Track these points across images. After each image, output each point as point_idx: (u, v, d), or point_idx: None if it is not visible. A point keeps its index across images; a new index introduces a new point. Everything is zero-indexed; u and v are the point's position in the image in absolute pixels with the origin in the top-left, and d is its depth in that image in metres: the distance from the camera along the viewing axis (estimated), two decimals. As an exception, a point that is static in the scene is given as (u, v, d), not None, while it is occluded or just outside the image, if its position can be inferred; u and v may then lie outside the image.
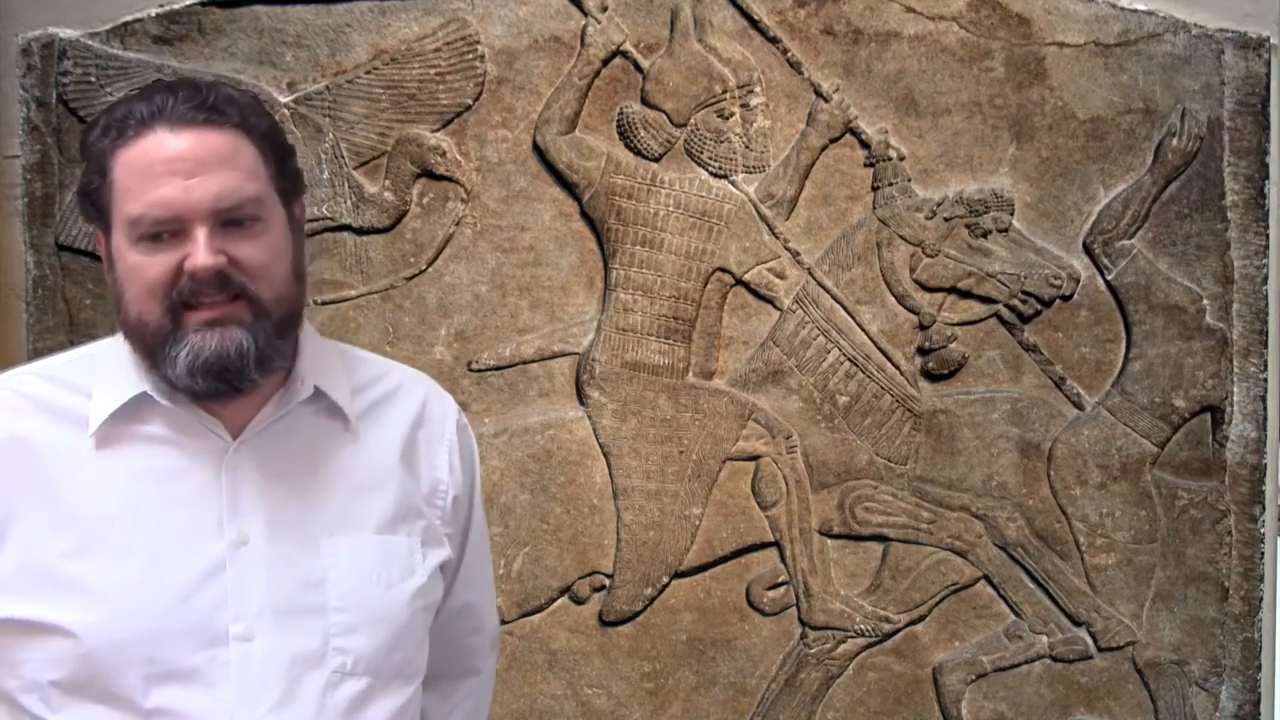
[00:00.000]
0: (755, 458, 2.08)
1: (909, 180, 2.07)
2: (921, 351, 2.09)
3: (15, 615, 1.14)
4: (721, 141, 2.06)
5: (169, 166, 1.12)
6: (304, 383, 1.25)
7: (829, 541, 2.10)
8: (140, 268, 1.14)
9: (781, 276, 2.08)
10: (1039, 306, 2.08)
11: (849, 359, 2.09)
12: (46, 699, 1.13)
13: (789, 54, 2.06)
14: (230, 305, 1.14)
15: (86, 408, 1.19)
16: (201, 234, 1.12)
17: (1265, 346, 2.10)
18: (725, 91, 2.05)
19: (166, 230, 1.12)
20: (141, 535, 1.15)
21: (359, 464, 1.27)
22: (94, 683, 1.12)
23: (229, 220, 1.14)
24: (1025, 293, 2.08)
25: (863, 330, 2.09)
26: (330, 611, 1.19)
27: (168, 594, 1.14)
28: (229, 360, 1.14)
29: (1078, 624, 2.10)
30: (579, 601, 2.08)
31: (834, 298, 2.09)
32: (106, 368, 1.22)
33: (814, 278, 2.08)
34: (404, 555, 1.26)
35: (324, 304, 2.04)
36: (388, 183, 2.05)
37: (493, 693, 1.53)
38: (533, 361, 2.07)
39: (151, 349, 1.16)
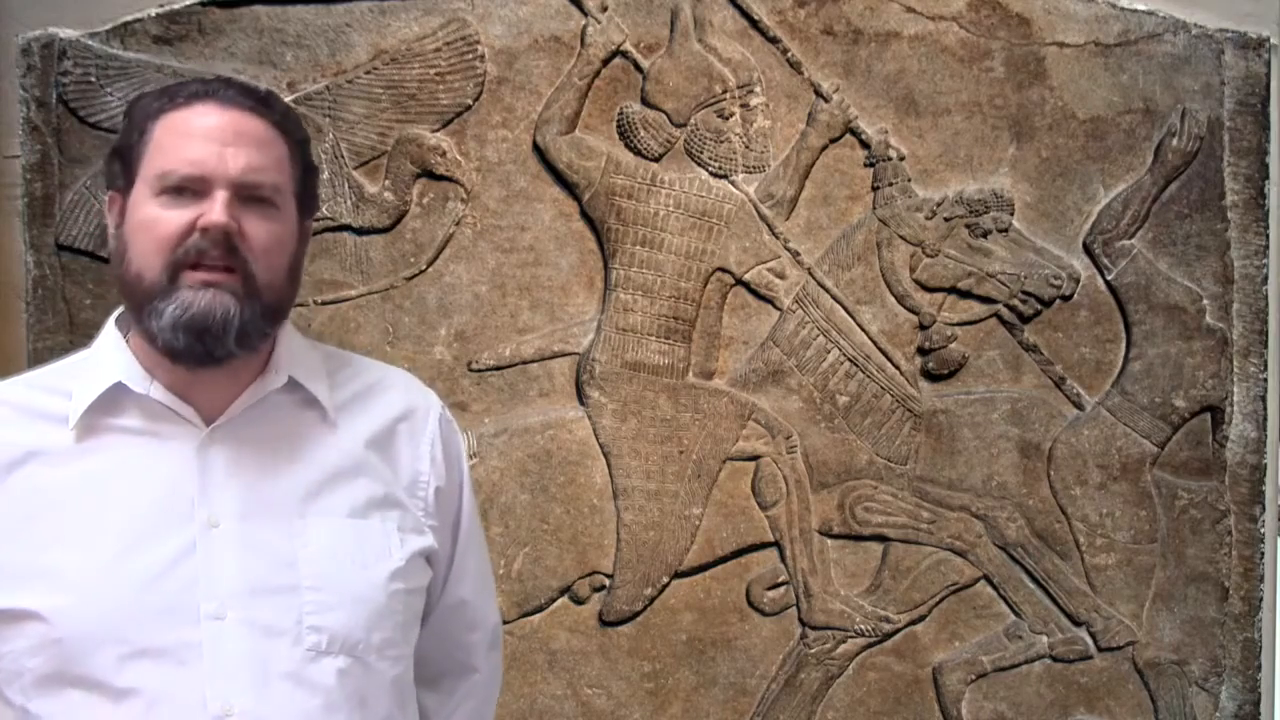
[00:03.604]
0: (755, 458, 2.08)
1: (909, 180, 2.07)
2: (921, 351, 2.10)
3: None
4: (721, 141, 2.06)
5: (208, 133, 1.19)
6: (278, 373, 1.27)
7: (829, 541, 2.10)
8: (154, 220, 1.18)
9: (781, 276, 2.08)
10: (1039, 306, 2.08)
11: (849, 359, 2.09)
12: (26, 689, 1.15)
13: (789, 54, 2.06)
14: (227, 275, 1.18)
15: (67, 408, 1.22)
16: (221, 195, 1.18)
17: (1265, 346, 2.10)
18: (725, 91, 2.05)
19: (190, 188, 1.18)
20: (114, 522, 1.18)
21: (334, 452, 1.28)
22: (69, 667, 1.14)
23: (248, 196, 1.20)
24: (1025, 293, 2.08)
25: (863, 330, 2.09)
26: (304, 590, 1.20)
27: (138, 575, 1.16)
28: (213, 321, 1.17)
29: (1078, 624, 2.10)
30: (579, 601, 2.08)
31: (834, 298, 2.09)
32: (86, 367, 1.26)
33: (814, 278, 2.08)
34: (378, 539, 1.27)
35: (324, 304, 2.04)
36: (388, 183, 2.05)
37: (498, 693, 1.53)
38: (533, 361, 2.07)
39: (142, 304, 1.19)
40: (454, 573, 1.41)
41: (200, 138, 1.19)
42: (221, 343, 1.18)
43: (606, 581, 2.08)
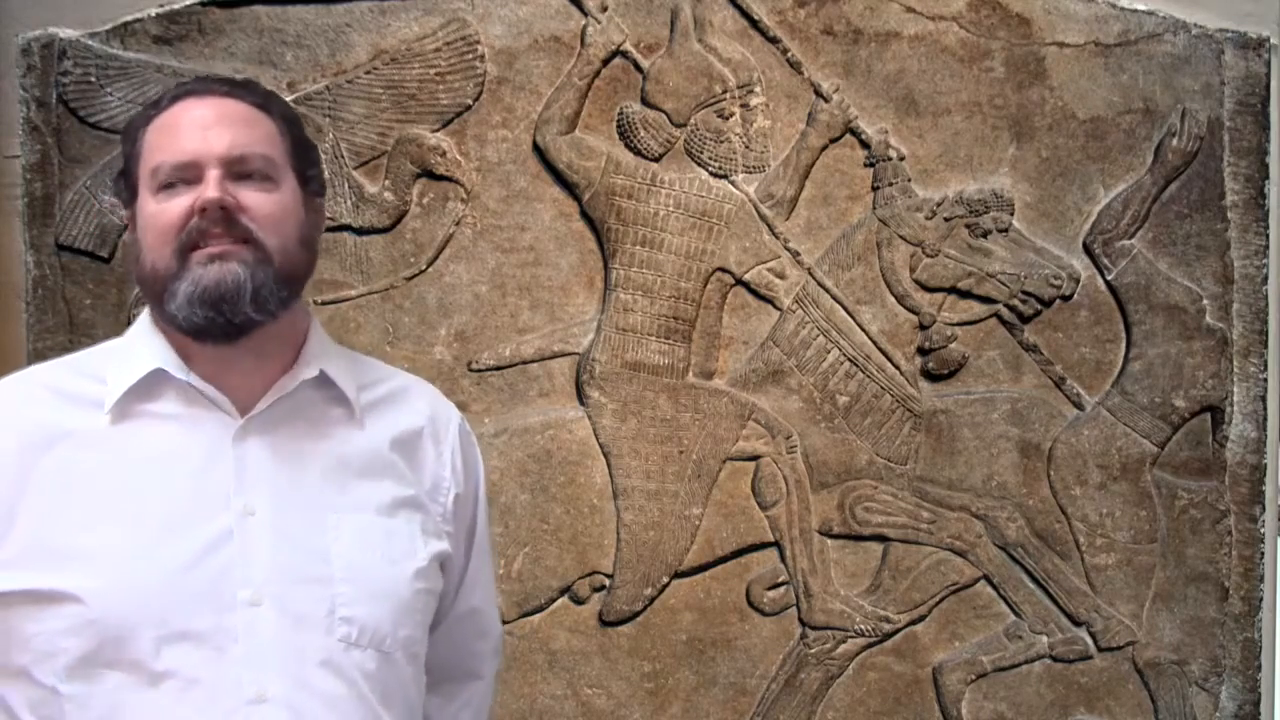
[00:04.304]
0: (755, 458, 2.08)
1: (909, 180, 2.07)
2: (921, 351, 2.10)
3: (25, 587, 1.16)
4: (721, 141, 2.06)
5: (192, 123, 1.23)
6: (310, 365, 1.29)
7: (829, 541, 2.10)
8: (157, 214, 1.21)
9: (781, 276, 2.08)
10: (1039, 306, 2.08)
11: (849, 359, 2.09)
12: (59, 670, 1.16)
13: (789, 54, 2.06)
14: (234, 245, 1.21)
15: (102, 392, 1.24)
16: (213, 174, 1.20)
17: (1265, 346, 2.10)
18: (725, 91, 2.05)
19: (184, 178, 1.21)
20: (150, 506, 1.19)
21: (362, 451, 1.31)
22: (105, 649, 1.15)
23: (242, 173, 1.22)
24: (1025, 293, 2.08)
25: (863, 330, 2.09)
26: (336, 582, 1.22)
27: (175, 560, 1.17)
28: (225, 289, 1.19)
29: (1078, 624, 2.10)
30: (579, 601, 2.08)
31: (834, 298, 2.09)
32: (122, 353, 1.28)
33: (814, 278, 2.08)
34: (405, 537, 1.29)
35: (324, 304, 2.04)
36: (388, 183, 2.05)
37: (494, 696, 1.54)
38: (533, 361, 2.07)
39: (160, 293, 1.21)
40: (467, 581, 1.43)
41: (185, 129, 1.22)
42: (237, 308, 1.19)
43: (606, 581, 2.08)
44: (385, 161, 2.05)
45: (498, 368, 2.07)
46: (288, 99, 1.99)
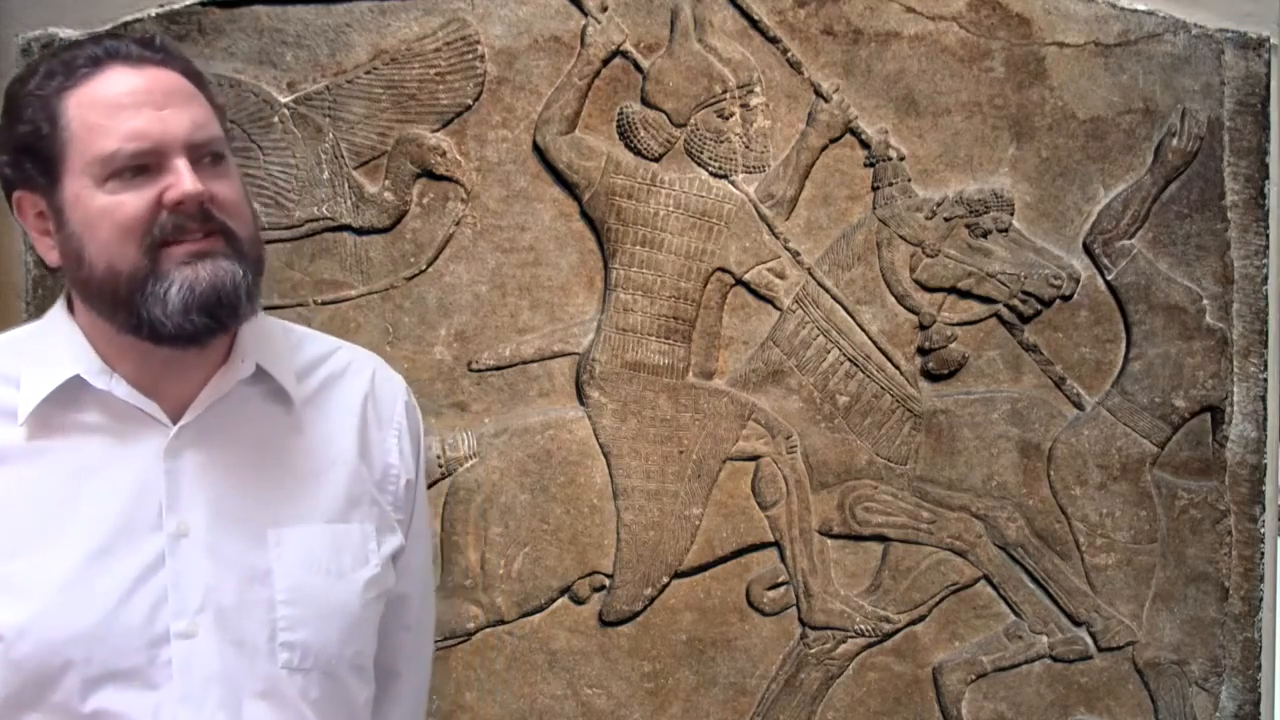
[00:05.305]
0: (755, 458, 2.08)
1: (909, 180, 2.07)
2: (921, 351, 2.09)
3: None
4: (721, 141, 2.06)
5: (137, 98, 1.08)
6: (245, 361, 1.19)
7: (829, 541, 2.10)
8: (110, 208, 1.07)
9: (781, 276, 2.08)
10: (1039, 306, 2.08)
11: (849, 359, 2.09)
12: None
13: (789, 54, 2.06)
14: (210, 240, 1.09)
15: (14, 399, 1.13)
16: (181, 164, 1.08)
17: (1265, 346, 2.10)
18: (725, 91, 2.05)
19: (142, 164, 1.08)
20: (76, 530, 1.10)
21: (306, 450, 1.21)
22: (25, 691, 1.06)
23: (199, 157, 1.10)
24: (1025, 293, 2.08)
25: (863, 330, 2.09)
26: (277, 605, 1.14)
27: (104, 592, 1.08)
28: (224, 291, 1.08)
29: (1078, 624, 2.10)
30: (579, 601, 2.08)
31: (834, 298, 2.09)
32: (34, 352, 1.16)
33: (814, 278, 2.08)
34: (357, 544, 1.21)
35: (324, 304, 2.04)
36: (388, 183, 2.05)
37: (426, 702, 1.47)
38: (533, 361, 2.07)
39: (128, 296, 1.08)
40: (399, 566, 1.32)
41: (130, 107, 1.07)
42: (236, 312, 1.10)
43: (606, 581, 2.08)
44: (385, 161, 2.05)
45: (498, 368, 2.07)
46: (287, 99, 2.00)
